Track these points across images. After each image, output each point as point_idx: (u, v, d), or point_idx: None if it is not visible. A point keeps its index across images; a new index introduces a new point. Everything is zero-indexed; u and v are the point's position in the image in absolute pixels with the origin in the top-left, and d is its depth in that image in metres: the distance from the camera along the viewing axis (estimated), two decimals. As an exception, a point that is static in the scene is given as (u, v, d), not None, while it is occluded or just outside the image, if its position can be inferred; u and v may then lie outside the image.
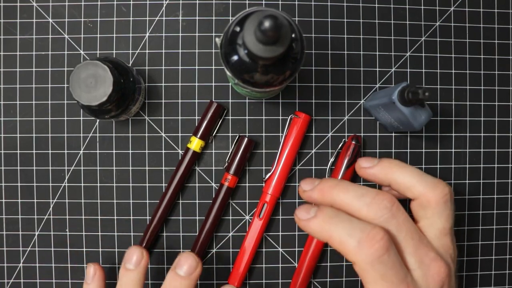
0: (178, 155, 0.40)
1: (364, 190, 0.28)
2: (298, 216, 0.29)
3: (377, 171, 0.31)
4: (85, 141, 0.40)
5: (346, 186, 0.28)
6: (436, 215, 0.29)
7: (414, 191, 0.29)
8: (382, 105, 0.35)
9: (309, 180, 0.31)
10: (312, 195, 0.30)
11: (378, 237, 0.26)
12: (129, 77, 0.35)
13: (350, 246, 0.26)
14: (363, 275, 0.26)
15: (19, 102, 0.40)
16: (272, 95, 0.38)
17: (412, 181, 0.29)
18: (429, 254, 0.27)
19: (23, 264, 0.40)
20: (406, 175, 0.30)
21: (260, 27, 0.23)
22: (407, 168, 0.30)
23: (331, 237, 0.27)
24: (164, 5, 0.40)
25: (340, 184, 0.29)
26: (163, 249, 0.40)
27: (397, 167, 0.30)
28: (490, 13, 0.41)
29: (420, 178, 0.29)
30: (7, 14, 0.39)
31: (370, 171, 0.31)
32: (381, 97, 0.35)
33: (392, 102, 0.32)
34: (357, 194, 0.28)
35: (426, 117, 0.33)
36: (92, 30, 0.39)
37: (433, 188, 0.29)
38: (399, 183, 0.30)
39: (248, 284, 0.40)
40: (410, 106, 0.32)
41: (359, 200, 0.27)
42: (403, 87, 0.32)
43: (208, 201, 0.40)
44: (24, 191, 0.40)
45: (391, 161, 0.31)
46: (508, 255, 0.41)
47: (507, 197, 0.41)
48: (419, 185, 0.29)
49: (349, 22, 0.40)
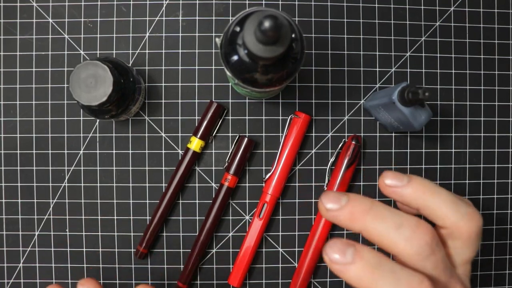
0: (178, 155, 0.40)
1: (403, 219, 0.24)
2: (331, 258, 0.24)
3: (407, 194, 0.26)
4: (85, 141, 0.40)
5: (382, 212, 0.24)
6: (465, 247, 0.27)
7: (446, 222, 0.26)
8: (382, 105, 0.35)
9: (332, 195, 0.25)
10: (339, 217, 0.25)
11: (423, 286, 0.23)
12: (129, 77, 0.35)
13: None
14: None
15: (19, 102, 0.40)
16: (272, 95, 0.38)
17: (446, 212, 0.26)
18: (455, 285, 0.26)
19: (23, 264, 0.40)
20: (440, 203, 0.26)
21: (260, 27, 0.23)
22: (441, 193, 0.26)
23: None
24: (164, 5, 0.40)
25: (374, 208, 0.25)
26: (163, 249, 0.40)
27: (430, 192, 0.26)
28: (490, 13, 0.41)
29: (455, 207, 0.26)
30: (7, 14, 0.39)
31: (398, 192, 0.27)
32: (381, 97, 0.35)
33: (392, 102, 0.32)
34: (395, 224, 0.24)
35: (426, 117, 0.33)
36: (92, 30, 0.39)
37: (468, 221, 0.26)
38: (430, 210, 0.26)
39: (248, 284, 0.40)
40: (410, 106, 0.32)
41: (397, 232, 0.24)
42: (403, 87, 0.32)
43: (208, 201, 0.40)
44: (24, 191, 0.40)
45: (423, 182, 0.27)
46: (508, 255, 0.41)
47: (507, 197, 0.41)
48: (454, 216, 0.26)
49: (349, 22, 0.40)
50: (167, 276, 0.40)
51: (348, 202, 0.25)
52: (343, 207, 0.25)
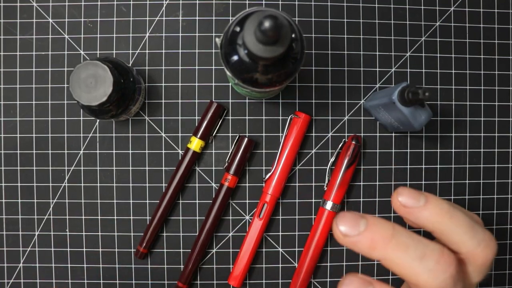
0: (178, 155, 0.40)
1: (426, 249, 0.23)
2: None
3: (423, 217, 0.25)
4: (85, 141, 0.40)
5: (404, 241, 0.23)
6: (477, 272, 0.26)
7: (462, 248, 0.25)
8: (382, 105, 0.35)
9: (350, 219, 0.23)
10: (357, 244, 0.23)
11: None
12: (129, 77, 0.35)
13: None
14: None
15: (19, 102, 0.40)
16: (272, 95, 0.38)
17: (463, 238, 0.25)
18: None
19: (23, 264, 0.40)
20: (457, 229, 0.25)
21: (260, 27, 0.23)
22: (459, 219, 0.25)
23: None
24: (164, 5, 0.40)
25: (396, 236, 0.23)
26: (163, 249, 0.40)
27: (448, 216, 0.25)
28: (490, 13, 0.41)
29: (472, 234, 0.25)
30: (7, 14, 0.39)
31: (414, 213, 0.25)
32: (381, 97, 0.35)
33: (392, 102, 0.32)
34: (418, 255, 0.23)
35: (426, 117, 0.33)
36: (92, 30, 0.39)
37: (485, 248, 0.25)
38: (447, 235, 0.25)
39: (248, 284, 0.40)
40: (410, 106, 0.32)
41: (420, 264, 0.23)
42: (403, 87, 0.32)
43: (208, 201, 0.40)
44: (24, 191, 0.40)
45: (441, 205, 0.25)
46: (508, 255, 0.41)
47: (507, 197, 0.41)
48: (470, 243, 0.25)
49: (349, 22, 0.40)
50: (167, 276, 0.40)
51: (368, 227, 0.23)
52: (362, 233, 0.23)
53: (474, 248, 0.25)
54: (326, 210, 0.39)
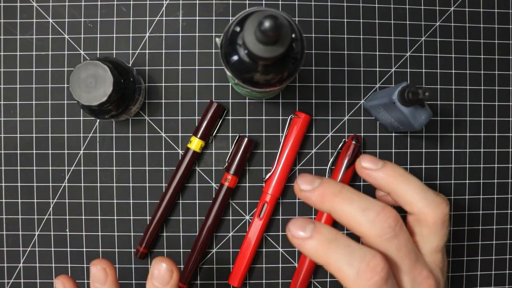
0: (178, 155, 0.40)
1: (369, 203, 0.26)
2: (292, 233, 0.26)
3: (379, 177, 0.29)
4: (85, 141, 0.40)
5: (350, 196, 0.26)
6: (432, 234, 0.28)
7: (414, 208, 0.28)
8: (382, 105, 0.35)
9: (307, 177, 0.28)
10: (310, 197, 0.27)
11: (379, 268, 0.24)
12: (129, 77, 0.35)
13: (348, 275, 0.24)
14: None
15: (19, 102, 0.40)
16: (272, 95, 0.38)
17: (414, 198, 0.28)
18: (423, 272, 0.27)
19: (23, 264, 0.40)
20: (409, 190, 0.28)
21: (260, 27, 0.23)
22: (411, 181, 0.28)
23: (328, 263, 0.25)
24: (164, 5, 0.40)
25: (343, 191, 0.26)
26: (163, 249, 0.40)
27: (401, 179, 0.28)
28: (490, 13, 0.41)
29: (423, 195, 0.28)
30: (7, 14, 0.39)
31: (371, 174, 0.29)
32: (381, 97, 0.35)
33: (392, 102, 0.32)
34: (361, 207, 0.26)
35: (426, 117, 0.33)
36: (92, 30, 0.39)
37: (434, 208, 0.27)
38: (400, 195, 0.28)
39: (248, 284, 0.40)
40: (410, 106, 0.32)
41: (363, 215, 0.25)
42: (403, 87, 0.32)
43: (208, 201, 0.40)
44: (24, 191, 0.40)
45: (395, 169, 0.29)
46: (508, 255, 0.41)
47: (507, 197, 0.41)
48: (420, 203, 0.28)
49: (349, 22, 0.40)
50: (167, 276, 0.40)
51: (320, 184, 0.27)
52: (315, 189, 0.27)
53: (424, 207, 0.28)
54: (326, 210, 0.39)
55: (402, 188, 0.28)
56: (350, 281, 0.24)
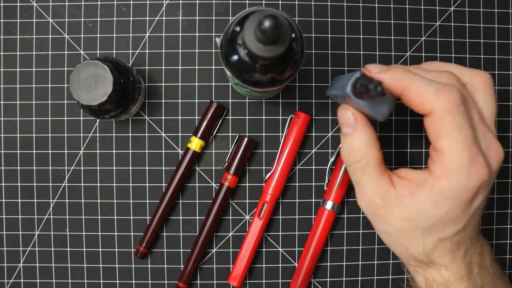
0: (178, 155, 0.40)
1: (435, 76, 0.29)
2: (369, 69, 0.29)
3: (388, 75, 0.28)
4: (85, 141, 0.40)
5: (416, 71, 0.29)
6: (486, 96, 0.30)
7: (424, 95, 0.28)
8: (340, 96, 0.30)
9: (377, 65, 0.30)
10: (383, 76, 0.28)
11: (454, 89, 0.27)
12: (129, 77, 0.35)
13: (429, 93, 0.27)
14: (439, 126, 0.27)
15: (19, 102, 0.40)
16: (272, 95, 0.38)
17: (457, 70, 0.30)
18: (489, 133, 0.29)
19: (23, 264, 0.40)
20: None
21: (260, 27, 0.23)
22: (415, 74, 0.29)
23: (408, 86, 0.27)
24: (164, 5, 0.40)
25: (410, 68, 0.29)
26: (163, 249, 0.40)
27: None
28: (490, 13, 0.41)
29: (461, 69, 0.30)
30: (7, 14, 0.39)
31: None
32: (337, 87, 0.30)
33: (347, 95, 0.28)
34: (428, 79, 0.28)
35: (388, 107, 0.29)
36: (92, 30, 0.39)
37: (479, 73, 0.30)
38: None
39: (248, 284, 0.40)
40: (367, 99, 0.28)
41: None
42: (356, 78, 0.27)
43: (208, 201, 0.40)
44: (24, 191, 0.40)
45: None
46: (508, 255, 0.41)
47: (507, 197, 0.41)
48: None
49: (349, 22, 0.40)
50: (167, 276, 0.40)
51: (390, 69, 0.29)
52: (385, 71, 0.29)
53: (473, 73, 0.30)
54: (326, 210, 0.39)
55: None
56: (430, 98, 0.27)
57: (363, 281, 0.40)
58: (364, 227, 0.40)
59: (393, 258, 0.40)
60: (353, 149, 0.30)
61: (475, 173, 0.27)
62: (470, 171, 0.27)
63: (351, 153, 0.30)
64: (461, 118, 0.27)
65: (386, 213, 0.30)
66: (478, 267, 0.31)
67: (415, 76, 0.28)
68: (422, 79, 0.28)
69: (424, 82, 0.27)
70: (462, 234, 0.29)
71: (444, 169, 0.28)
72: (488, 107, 0.30)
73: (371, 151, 0.30)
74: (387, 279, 0.40)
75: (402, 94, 0.28)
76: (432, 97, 0.27)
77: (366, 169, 0.30)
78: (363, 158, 0.30)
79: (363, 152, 0.30)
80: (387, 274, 0.40)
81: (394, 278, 0.40)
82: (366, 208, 0.32)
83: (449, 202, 0.28)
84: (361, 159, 0.30)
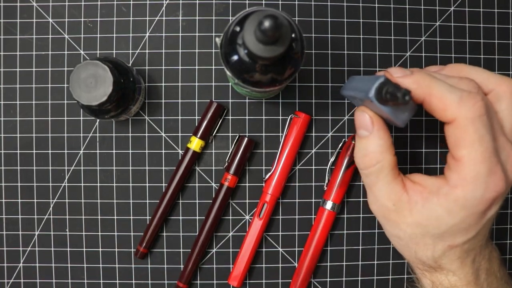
0: (178, 155, 0.40)
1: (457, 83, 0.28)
2: (391, 73, 0.28)
3: (410, 80, 0.28)
4: (85, 141, 0.40)
5: (439, 77, 0.29)
6: (511, 107, 0.29)
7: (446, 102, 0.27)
8: (358, 98, 0.31)
9: (398, 68, 0.29)
10: (405, 81, 0.28)
11: (479, 97, 0.26)
12: (129, 77, 0.35)
13: (452, 100, 0.26)
14: (461, 135, 0.27)
15: (19, 102, 0.40)
16: (272, 95, 0.38)
17: (483, 76, 0.29)
18: (508, 144, 0.28)
19: (23, 264, 0.40)
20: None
21: (260, 27, 0.23)
22: (438, 80, 0.28)
23: (431, 92, 0.27)
24: (164, 5, 0.40)
25: (433, 75, 0.29)
26: (163, 249, 0.40)
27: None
28: (490, 13, 0.41)
29: (486, 74, 0.30)
30: (7, 14, 0.39)
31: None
32: (357, 90, 0.30)
33: (369, 100, 0.28)
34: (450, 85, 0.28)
35: (409, 113, 0.29)
36: (92, 30, 0.39)
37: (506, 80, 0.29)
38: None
39: (248, 284, 0.40)
40: (391, 106, 0.28)
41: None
42: (380, 83, 0.27)
43: (208, 201, 0.40)
44: (24, 191, 0.40)
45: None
46: (508, 255, 0.41)
47: (507, 197, 0.41)
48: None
49: (349, 22, 0.40)
50: (167, 276, 0.40)
51: (413, 73, 0.28)
52: (408, 75, 0.28)
53: (500, 81, 0.29)
54: (326, 210, 0.39)
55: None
56: (453, 105, 0.26)
57: (363, 281, 0.40)
58: (364, 227, 0.40)
59: (393, 258, 0.40)
60: (368, 152, 0.30)
61: (492, 185, 0.27)
62: (487, 182, 0.27)
63: (366, 156, 0.30)
64: (484, 129, 0.27)
65: (398, 218, 0.30)
66: (486, 273, 0.30)
67: (438, 82, 0.27)
68: (445, 85, 0.27)
69: (447, 89, 0.27)
70: (472, 243, 0.29)
71: (461, 178, 0.27)
72: (511, 117, 0.29)
73: (386, 155, 0.30)
74: (387, 279, 0.40)
75: (424, 99, 0.28)
76: (455, 104, 0.26)
77: (380, 173, 0.30)
78: (377, 163, 0.30)
79: (378, 156, 0.30)
80: (387, 274, 0.40)
81: (394, 278, 0.40)
82: (377, 212, 0.31)
83: (463, 212, 0.28)
84: (376, 164, 0.30)
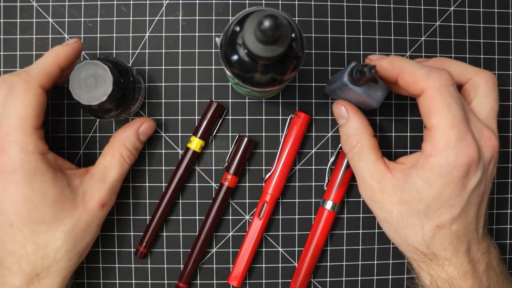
0: (178, 155, 0.40)
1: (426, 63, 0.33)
2: (370, 58, 0.34)
3: (385, 61, 0.32)
4: (85, 141, 0.40)
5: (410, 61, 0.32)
6: (486, 94, 0.32)
7: (417, 77, 0.30)
8: (337, 88, 0.34)
9: (376, 54, 0.37)
10: (381, 62, 0.32)
11: (445, 71, 0.29)
12: (129, 77, 0.35)
13: (421, 73, 0.30)
14: (430, 104, 0.29)
15: (19, 102, 0.39)
16: (272, 95, 0.38)
17: (415, 69, 0.31)
18: (480, 123, 0.31)
19: (23, 264, 0.40)
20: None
21: (260, 27, 0.23)
22: (409, 60, 0.32)
23: (404, 68, 0.31)
24: (164, 5, 0.40)
25: (404, 58, 0.32)
26: (163, 248, 0.40)
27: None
28: (490, 13, 0.41)
29: (464, 66, 0.34)
30: (7, 14, 0.39)
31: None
32: (335, 81, 0.34)
33: (344, 84, 0.32)
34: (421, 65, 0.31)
35: (382, 93, 0.32)
36: (92, 30, 0.39)
37: (481, 71, 0.33)
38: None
39: (248, 284, 0.40)
40: (363, 85, 0.32)
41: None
42: (352, 67, 0.31)
43: (208, 201, 0.40)
44: (24, 191, 0.39)
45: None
46: (508, 255, 0.41)
47: (507, 197, 0.41)
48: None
49: (349, 22, 0.40)
50: (167, 276, 0.40)
51: (389, 57, 0.32)
52: (383, 58, 0.32)
53: (475, 72, 0.33)
54: (326, 210, 0.39)
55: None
56: (422, 77, 0.30)
57: (363, 281, 0.40)
58: (364, 227, 0.40)
59: (393, 258, 0.40)
60: (348, 135, 0.34)
61: (463, 150, 0.29)
62: (458, 148, 0.29)
63: (348, 139, 0.34)
64: (451, 98, 0.29)
65: (383, 197, 0.32)
66: (485, 266, 0.31)
67: (410, 61, 0.31)
68: (416, 63, 0.31)
69: (418, 66, 0.30)
70: (460, 223, 0.30)
71: (434, 146, 0.29)
72: (487, 104, 0.32)
73: (364, 135, 0.34)
74: (387, 279, 0.40)
75: (398, 76, 0.31)
76: (424, 77, 0.30)
77: (362, 153, 0.33)
78: (357, 143, 0.34)
79: (357, 137, 0.34)
80: (387, 274, 0.40)
81: (394, 278, 0.40)
82: (365, 194, 0.34)
83: (440, 180, 0.29)
84: (356, 144, 0.34)
